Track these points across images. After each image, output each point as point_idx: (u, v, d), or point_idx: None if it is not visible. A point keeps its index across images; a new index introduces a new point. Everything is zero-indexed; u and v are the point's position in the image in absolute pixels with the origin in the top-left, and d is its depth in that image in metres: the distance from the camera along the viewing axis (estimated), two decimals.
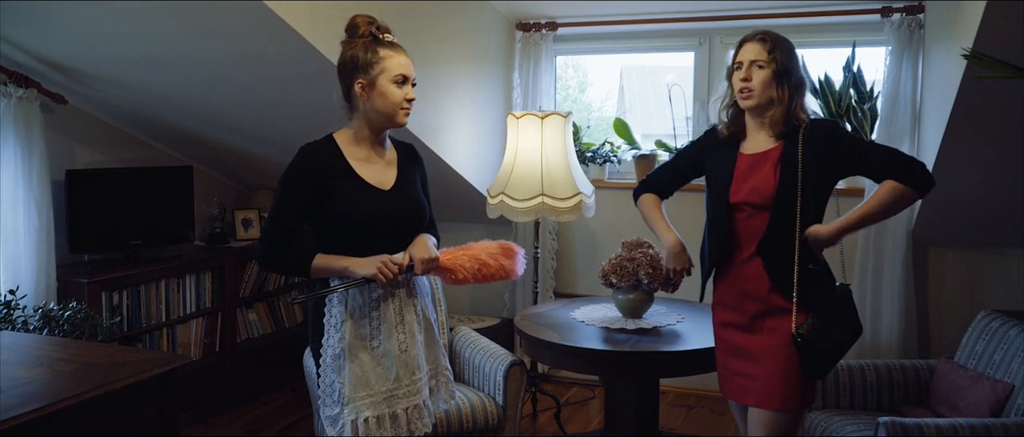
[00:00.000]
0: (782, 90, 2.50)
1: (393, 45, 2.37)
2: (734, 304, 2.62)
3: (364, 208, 2.34)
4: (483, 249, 2.50)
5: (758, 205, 2.52)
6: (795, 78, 2.53)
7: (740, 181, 2.57)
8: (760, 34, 2.53)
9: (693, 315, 3.56)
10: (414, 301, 2.45)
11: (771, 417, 2.51)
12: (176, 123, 4.35)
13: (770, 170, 2.52)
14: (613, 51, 5.06)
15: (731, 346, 2.65)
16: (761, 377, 2.53)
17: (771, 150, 2.55)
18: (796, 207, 2.48)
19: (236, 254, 4.55)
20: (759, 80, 2.50)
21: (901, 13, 3.98)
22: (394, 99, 2.34)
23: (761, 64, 2.49)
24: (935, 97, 3.69)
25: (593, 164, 4.83)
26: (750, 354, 2.58)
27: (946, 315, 4.24)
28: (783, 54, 2.50)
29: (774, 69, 2.48)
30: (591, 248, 4.89)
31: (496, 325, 4.78)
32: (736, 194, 2.57)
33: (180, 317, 4.25)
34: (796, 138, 2.50)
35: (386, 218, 2.37)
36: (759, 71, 2.49)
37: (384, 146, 2.46)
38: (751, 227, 2.55)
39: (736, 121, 2.63)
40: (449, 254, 2.46)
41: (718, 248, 2.63)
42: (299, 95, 3.73)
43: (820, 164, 2.48)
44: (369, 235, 2.35)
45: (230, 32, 3.26)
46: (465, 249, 2.49)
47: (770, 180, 2.51)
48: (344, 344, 2.36)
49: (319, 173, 2.33)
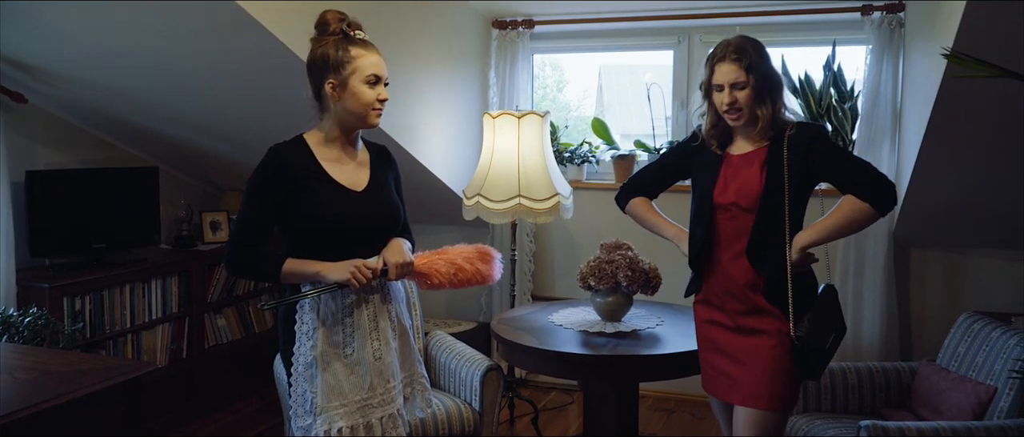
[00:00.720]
0: (766, 102, 2.54)
1: (365, 43, 2.35)
2: (718, 303, 2.67)
3: (336, 210, 2.33)
4: (459, 253, 2.50)
5: (744, 207, 2.56)
6: (775, 83, 2.56)
7: (726, 182, 2.61)
8: (732, 52, 2.54)
9: (673, 318, 3.58)
10: (388, 307, 2.44)
11: (759, 417, 2.54)
12: (141, 122, 4.31)
13: (756, 172, 2.56)
14: (591, 49, 5.08)
15: (715, 344, 2.69)
16: (748, 377, 2.56)
17: (757, 151, 2.59)
18: (783, 209, 2.52)
19: (204, 257, 4.51)
20: (744, 100, 2.53)
21: (881, 11, 4.02)
22: (366, 100, 2.33)
23: (741, 84, 2.52)
24: (916, 97, 3.73)
25: (571, 165, 4.84)
26: (735, 355, 2.62)
27: (928, 317, 4.28)
28: (758, 64, 2.53)
29: (754, 85, 2.52)
30: (569, 250, 4.90)
31: (472, 329, 4.78)
32: (722, 195, 2.61)
33: (145, 323, 4.21)
34: (781, 141, 2.55)
35: (359, 220, 2.36)
36: (741, 92, 2.53)
37: (356, 147, 2.45)
38: (735, 228, 2.59)
39: (719, 128, 2.66)
40: (424, 258, 2.46)
41: (700, 248, 2.67)
42: (269, 93, 3.71)
43: (802, 167, 2.52)
44: (341, 238, 2.33)
45: (197, 28, 3.23)
46: (441, 253, 2.49)
47: (756, 182, 2.55)
48: (316, 352, 2.34)
49: (289, 174, 2.31)
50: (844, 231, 2.54)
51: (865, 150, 4.06)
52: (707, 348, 2.74)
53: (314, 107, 2.41)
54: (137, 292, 4.16)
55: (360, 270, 2.28)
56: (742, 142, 2.63)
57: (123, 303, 4.09)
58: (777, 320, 2.54)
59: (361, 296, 2.37)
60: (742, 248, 2.58)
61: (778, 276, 2.53)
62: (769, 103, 2.54)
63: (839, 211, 2.50)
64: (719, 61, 2.55)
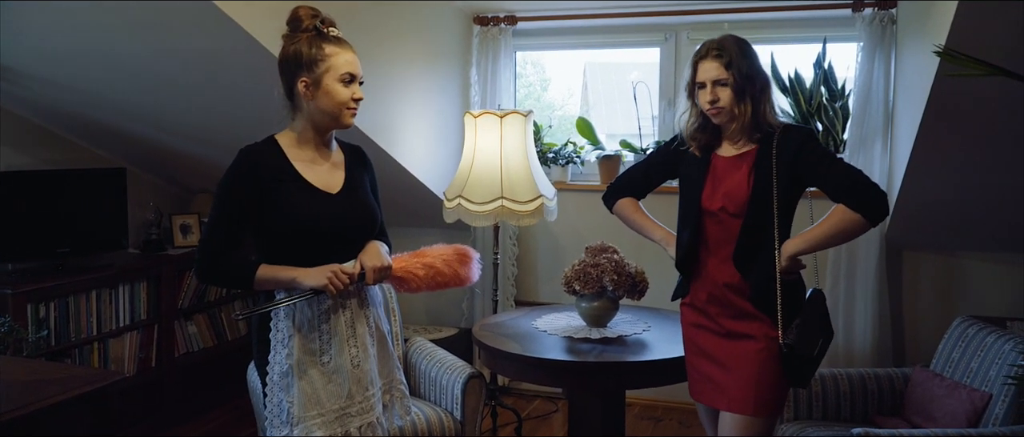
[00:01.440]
0: (746, 101, 2.55)
1: (339, 41, 2.35)
2: (703, 307, 2.69)
3: (311, 213, 2.32)
4: (437, 255, 2.51)
5: (732, 212, 2.58)
6: (759, 81, 2.57)
7: (714, 186, 2.63)
8: (714, 49, 2.57)
9: (660, 323, 3.58)
10: (366, 312, 2.43)
11: (745, 422, 2.56)
12: (108, 122, 4.28)
13: (744, 176, 2.58)
14: (576, 47, 5.09)
15: (701, 349, 2.71)
16: (734, 382, 2.58)
17: (745, 154, 2.61)
18: (771, 214, 2.54)
19: (173, 262, 4.48)
20: (726, 98, 2.55)
21: (873, 8, 4.05)
22: (340, 99, 2.32)
23: (723, 81, 2.54)
24: (908, 95, 3.76)
25: (555, 165, 4.85)
26: (721, 360, 2.64)
27: (921, 321, 4.31)
28: (741, 63, 2.54)
29: (734, 82, 2.53)
30: (553, 254, 4.91)
31: (454, 336, 4.77)
32: (710, 200, 2.63)
33: (113, 330, 4.18)
34: (770, 143, 2.56)
35: (334, 224, 2.35)
36: (723, 89, 2.55)
37: (330, 148, 2.44)
38: (723, 232, 2.61)
39: (706, 131, 2.67)
40: (401, 261, 2.46)
41: (687, 252, 2.69)
42: (241, 92, 3.70)
43: (790, 171, 2.54)
44: (316, 242, 2.32)
45: (165, 25, 3.22)
46: (418, 255, 2.49)
47: (743, 187, 2.57)
48: (292, 360, 2.32)
49: (261, 176, 2.30)
50: (834, 240, 2.56)
51: (856, 150, 4.09)
52: (693, 352, 2.76)
53: (286, 106, 2.40)
54: (104, 298, 4.13)
55: (337, 275, 2.27)
56: (729, 145, 2.65)
57: (89, 310, 4.06)
58: (764, 325, 2.56)
59: (338, 302, 2.36)
60: (729, 253, 2.60)
61: (765, 282, 2.55)
62: (749, 101, 2.55)
63: (830, 220, 2.52)
64: (701, 59, 2.59)
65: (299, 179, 2.34)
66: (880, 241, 4.15)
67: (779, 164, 2.54)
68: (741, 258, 2.58)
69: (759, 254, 2.56)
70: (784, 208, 2.56)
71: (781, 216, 2.55)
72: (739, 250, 2.57)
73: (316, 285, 2.27)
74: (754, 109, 2.56)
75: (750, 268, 2.57)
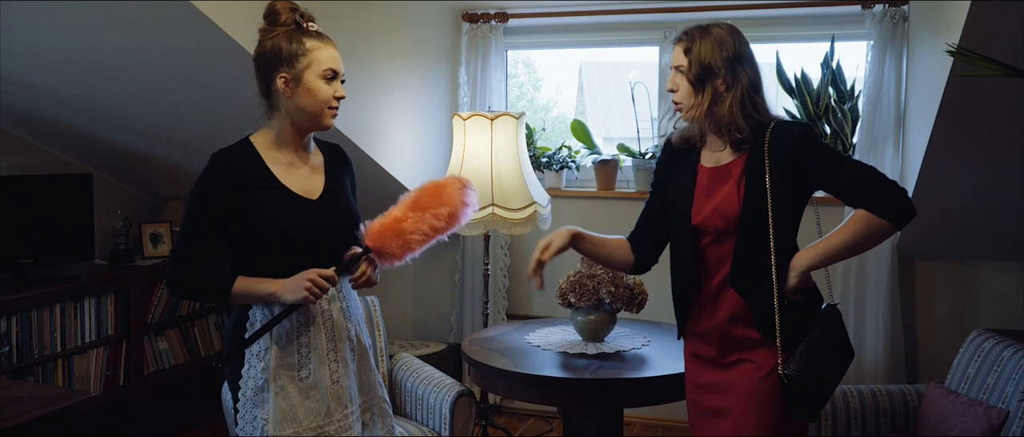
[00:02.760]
0: (703, 94, 2.42)
1: (320, 35, 2.35)
2: (704, 336, 2.54)
3: (289, 221, 2.32)
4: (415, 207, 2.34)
5: (723, 229, 2.44)
6: (728, 75, 2.41)
7: (702, 200, 2.49)
8: (683, 33, 2.47)
9: (660, 338, 3.60)
10: (348, 324, 2.44)
11: None
12: (73, 125, 4.28)
13: (733, 187, 2.44)
14: (570, 45, 5.10)
15: (701, 384, 2.57)
16: (733, 407, 2.45)
17: (733, 162, 2.46)
18: (767, 229, 2.40)
19: (143, 274, 4.48)
20: (683, 89, 2.45)
21: (883, 4, 4.07)
22: (322, 96, 2.32)
23: (682, 68, 2.44)
24: (921, 96, 3.78)
25: (549, 171, 4.86)
26: (721, 387, 2.50)
27: (935, 335, 4.33)
28: (702, 49, 2.41)
29: (689, 69, 2.42)
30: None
31: (442, 351, 4.78)
32: (698, 215, 2.48)
33: (78, 346, 4.17)
34: (761, 146, 2.41)
35: (315, 232, 2.35)
36: (681, 77, 2.45)
37: (308, 150, 2.44)
38: (718, 253, 2.47)
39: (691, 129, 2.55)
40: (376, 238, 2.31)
41: (683, 277, 2.54)
42: (216, 92, 3.70)
43: (789, 176, 2.39)
44: (295, 252, 2.32)
45: (135, 21, 3.22)
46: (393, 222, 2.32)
47: (734, 199, 2.43)
48: (268, 374, 2.32)
49: (236, 184, 2.30)
50: (855, 250, 2.41)
51: (866, 154, 4.11)
52: (694, 389, 2.61)
53: (262, 105, 2.40)
54: (69, 312, 4.12)
55: (315, 283, 2.25)
56: (710, 152, 2.52)
57: (53, 324, 4.05)
58: (768, 350, 2.42)
59: (317, 312, 2.36)
60: (726, 274, 2.46)
61: (771, 304, 2.41)
62: (708, 95, 2.41)
63: (849, 228, 2.36)
64: (674, 45, 2.49)
65: (276, 184, 2.34)
66: (892, 250, 4.17)
67: (773, 168, 2.39)
68: (740, 280, 2.43)
69: (761, 274, 2.41)
70: (785, 219, 2.41)
71: (782, 228, 2.40)
72: (736, 271, 2.43)
73: (295, 300, 2.26)
74: (715, 106, 2.41)
75: (753, 290, 2.42)
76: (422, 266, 5.07)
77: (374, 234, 2.29)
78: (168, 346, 4.69)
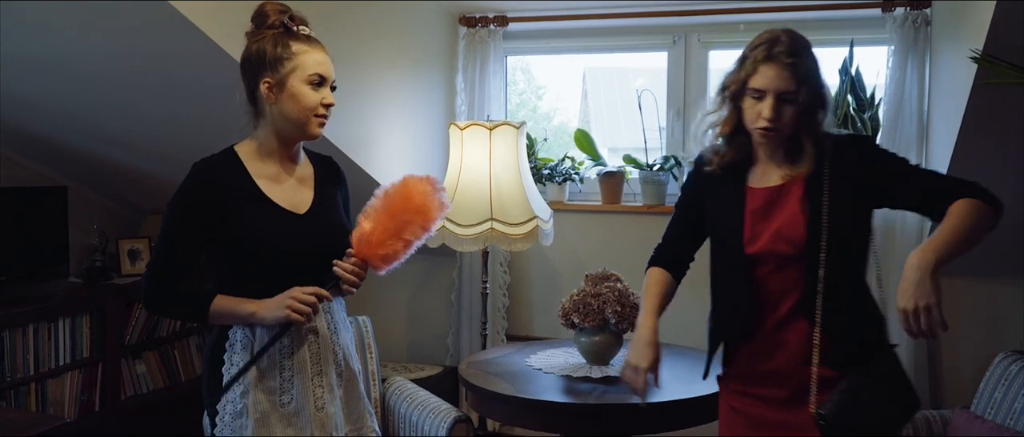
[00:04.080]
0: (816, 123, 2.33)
1: (309, 39, 2.36)
2: (766, 380, 2.40)
3: (274, 237, 2.32)
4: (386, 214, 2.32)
5: (788, 255, 2.33)
6: (826, 100, 2.34)
7: (756, 224, 2.38)
8: (785, 52, 2.27)
9: (669, 360, 3.59)
10: (336, 347, 2.44)
11: None
12: (47, 134, 4.29)
13: (796, 207, 2.34)
14: (574, 51, 5.12)
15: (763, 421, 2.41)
16: None
17: (792, 181, 2.38)
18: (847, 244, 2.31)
19: (120, 293, 4.48)
20: (789, 118, 2.30)
21: (905, 7, 4.09)
22: (308, 103, 2.32)
23: (790, 96, 2.28)
24: (944, 105, 3.80)
25: (551, 183, 4.87)
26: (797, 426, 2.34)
27: (960, 357, 4.33)
28: (813, 74, 2.30)
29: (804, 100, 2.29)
30: (549, 282, 4.92)
31: (438, 375, 4.78)
32: (754, 243, 2.37)
33: (51, 369, 4.17)
34: (821, 162, 2.33)
35: (301, 248, 2.35)
36: (788, 107, 2.29)
37: (296, 160, 2.45)
38: (781, 282, 2.36)
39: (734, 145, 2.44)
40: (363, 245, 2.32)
41: (740, 312, 2.41)
42: (198, 100, 3.72)
43: (857, 191, 2.32)
44: (279, 270, 2.32)
45: (114, 25, 3.24)
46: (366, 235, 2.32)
47: (799, 220, 2.33)
48: (248, 399, 2.32)
49: (218, 194, 2.31)
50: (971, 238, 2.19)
51: None
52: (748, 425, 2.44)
53: (248, 112, 2.41)
54: (42, 333, 4.13)
55: (297, 301, 2.25)
56: (768, 168, 2.43)
57: (25, 346, 4.06)
58: None
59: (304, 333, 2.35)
60: (793, 306, 2.34)
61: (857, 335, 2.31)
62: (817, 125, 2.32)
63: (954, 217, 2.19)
64: (765, 61, 2.29)
65: (261, 197, 2.35)
66: None
67: (840, 183, 2.31)
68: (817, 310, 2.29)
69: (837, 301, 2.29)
70: (860, 235, 2.35)
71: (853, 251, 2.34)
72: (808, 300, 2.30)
73: (277, 319, 2.26)
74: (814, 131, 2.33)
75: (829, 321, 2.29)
76: (416, 284, 5.08)
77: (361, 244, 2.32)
78: (146, 370, 4.69)
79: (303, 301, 2.25)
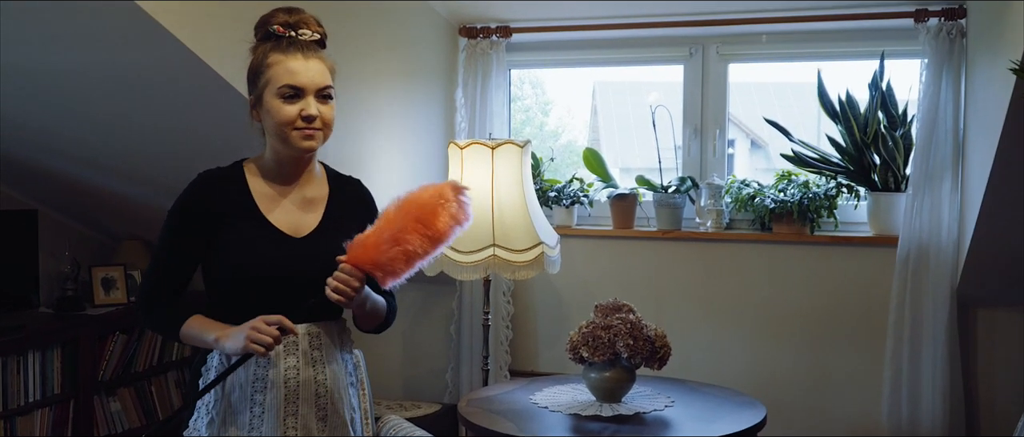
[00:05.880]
0: None
1: (293, 45, 2.35)
2: None
3: (258, 259, 2.34)
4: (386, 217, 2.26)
5: None
6: None
7: None
8: None
9: (685, 397, 3.61)
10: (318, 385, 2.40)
11: None
12: (16, 154, 4.30)
13: None
14: (583, 64, 5.14)
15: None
16: None
17: None
18: None
19: (93, 324, 4.49)
20: None
21: (939, 17, 4.10)
22: (280, 118, 2.31)
23: None
24: (981, 123, 3.81)
25: (558, 206, 4.88)
26: None
27: (999, 390, 4.32)
28: None
29: None
30: (556, 313, 4.92)
31: (435, 413, 4.77)
32: None
33: (20, 407, 4.18)
34: None
35: (289, 274, 2.34)
36: None
37: (299, 179, 2.44)
38: None
39: None
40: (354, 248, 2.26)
41: None
42: (178, 117, 3.74)
43: None
44: (264, 295, 2.32)
45: (89, 37, 3.26)
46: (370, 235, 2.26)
47: None
48: (213, 430, 2.33)
49: (216, 206, 2.35)
50: None
51: (921, 188, 4.12)
52: None
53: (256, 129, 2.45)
54: (10, 368, 4.13)
55: (259, 330, 2.20)
56: None
57: None
58: None
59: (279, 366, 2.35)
60: None
61: None
62: None
63: None
64: None
65: (256, 216, 2.37)
66: (950, 297, 4.18)
67: None
68: None
69: None
70: None
71: None
72: None
73: (234, 349, 2.23)
74: None
75: None
76: (413, 315, 5.08)
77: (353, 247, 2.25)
78: (121, 407, 4.69)
79: (264, 331, 2.19)
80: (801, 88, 5.04)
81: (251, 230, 2.36)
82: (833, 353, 4.45)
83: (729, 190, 4.58)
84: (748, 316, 4.53)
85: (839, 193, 4.43)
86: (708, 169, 4.69)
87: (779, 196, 4.42)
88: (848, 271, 4.42)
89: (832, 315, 4.45)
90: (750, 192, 4.51)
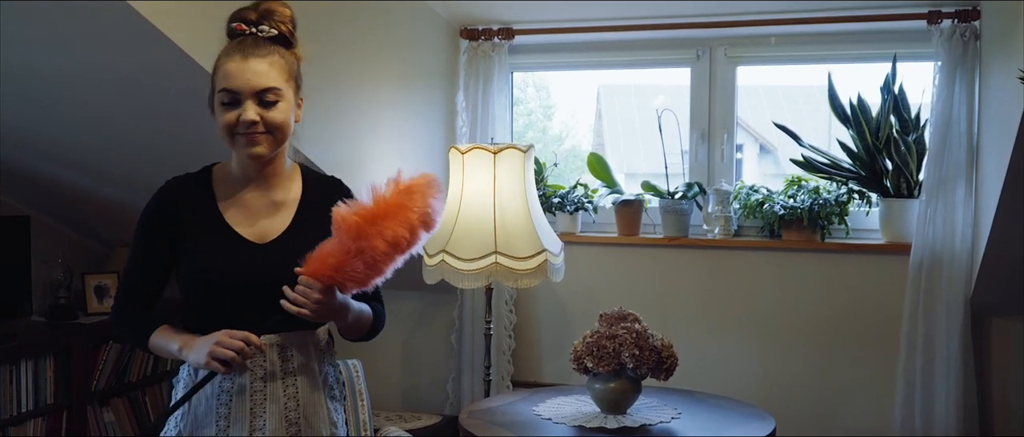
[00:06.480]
0: None
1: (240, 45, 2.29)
2: None
3: (221, 265, 2.32)
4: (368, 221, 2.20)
5: None
6: None
7: None
8: None
9: (692, 409, 3.60)
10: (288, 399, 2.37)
11: None
12: (7, 159, 4.31)
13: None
14: (587, 66, 5.14)
15: None
16: None
17: None
18: None
19: (86, 332, 4.49)
20: None
21: (953, 20, 4.11)
22: (219, 125, 2.30)
23: None
24: (995, 128, 3.81)
25: (562, 213, 4.88)
26: None
27: (1013, 402, 4.32)
28: None
29: None
30: (560, 323, 4.92)
31: (436, 425, 4.78)
32: None
33: (12, 417, 4.18)
34: None
35: (252, 281, 2.30)
36: None
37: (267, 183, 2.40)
38: None
39: None
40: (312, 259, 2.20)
41: None
42: (171, 121, 3.74)
43: None
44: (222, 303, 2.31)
45: (82, 40, 3.27)
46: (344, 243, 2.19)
47: None
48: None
49: (181, 213, 2.36)
50: None
51: (934, 195, 4.12)
52: None
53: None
54: (2, 377, 4.14)
55: (222, 345, 2.16)
56: None
57: None
58: None
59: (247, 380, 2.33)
60: None
61: None
62: None
63: None
64: None
65: (217, 221, 2.36)
66: (964, 306, 4.18)
67: None
68: None
69: None
70: None
71: None
72: None
73: (196, 363, 2.22)
74: None
75: None
76: (413, 325, 5.08)
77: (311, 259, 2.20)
78: (115, 418, 4.69)
79: (228, 346, 2.16)
80: (811, 91, 5.04)
81: (212, 236, 2.35)
82: (844, 363, 4.45)
83: (737, 196, 4.58)
84: (757, 325, 4.53)
85: (850, 199, 4.43)
86: (716, 175, 4.69)
87: (789, 202, 4.42)
88: (859, 279, 4.42)
89: (843, 324, 4.44)
90: (759, 198, 4.50)
